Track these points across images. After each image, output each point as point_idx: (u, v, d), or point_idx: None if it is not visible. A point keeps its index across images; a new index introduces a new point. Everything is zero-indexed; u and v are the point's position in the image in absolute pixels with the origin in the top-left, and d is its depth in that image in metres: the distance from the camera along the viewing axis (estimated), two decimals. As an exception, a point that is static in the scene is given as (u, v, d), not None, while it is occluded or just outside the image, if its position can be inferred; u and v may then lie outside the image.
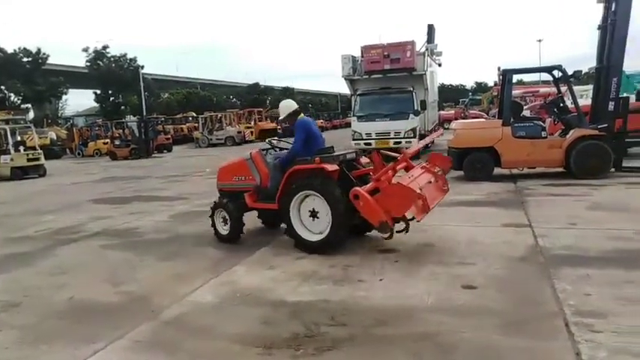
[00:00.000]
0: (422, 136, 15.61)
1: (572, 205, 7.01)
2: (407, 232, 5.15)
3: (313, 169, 5.24)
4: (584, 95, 14.17)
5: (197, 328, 3.67)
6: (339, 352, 3.15)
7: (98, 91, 51.07)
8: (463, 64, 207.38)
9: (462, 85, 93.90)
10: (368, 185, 5.00)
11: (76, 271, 5.46)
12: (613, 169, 9.20)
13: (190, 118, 43.85)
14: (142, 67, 50.20)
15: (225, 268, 5.07)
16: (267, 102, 65.78)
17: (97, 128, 34.01)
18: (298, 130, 5.68)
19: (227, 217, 6.07)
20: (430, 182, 5.34)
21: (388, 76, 15.39)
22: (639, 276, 4.03)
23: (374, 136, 14.71)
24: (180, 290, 4.50)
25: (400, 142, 14.20)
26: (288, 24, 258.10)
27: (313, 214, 5.33)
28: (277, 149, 6.38)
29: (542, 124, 10.10)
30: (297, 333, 3.44)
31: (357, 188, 4.86)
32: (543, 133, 9.73)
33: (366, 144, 14.21)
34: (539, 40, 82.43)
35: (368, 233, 5.76)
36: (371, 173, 5.54)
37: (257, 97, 64.80)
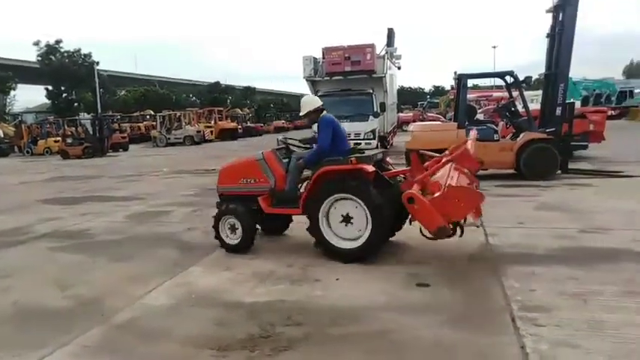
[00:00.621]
0: (381, 138, 15.88)
1: (522, 206, 7.31)
2: (462, 235, 4.69)
3: (350, 170, 4.80)
4: (535, 100, 14.78)
5: (150, 332, 3.59)
6: (294, 352, 3.16)
7: (50, 87, 49.03)
8: (422, 68, 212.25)
9: (420, 88, 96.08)
10: (414, 187, 4.63)
11: (22, 274, 5.21)
12: (560, 171, 9.66)
13: (148, 117, 42.82)
14: (98, 63, 48.74)
15: (181, 270, 4.98)
16: (228, 101, 65.03)
17: (47, 125, 32.66)
18: (323, 128, 5.23)
19: (235, 224, 5.50)
20: (469, 184, 5.05)
21: (349, 78, 15.59)
22: (581, 273, 4.25)
23: None
24: (134, 292, 4.39)
25: (360, 144, 14.34)
26: (252, 25, 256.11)
27: (346, 219, 4.91)
28: (295, 148, 5.86)
29: (494, 127, 10.48)
30: (253, 334, 3.42)
31: (413, 191, 4.42)
32: (496, 136, 10.11)
33: None
34: (494, 47, 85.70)
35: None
36: (405, 175, 5.38)
37: (217, 97, 63.87)
